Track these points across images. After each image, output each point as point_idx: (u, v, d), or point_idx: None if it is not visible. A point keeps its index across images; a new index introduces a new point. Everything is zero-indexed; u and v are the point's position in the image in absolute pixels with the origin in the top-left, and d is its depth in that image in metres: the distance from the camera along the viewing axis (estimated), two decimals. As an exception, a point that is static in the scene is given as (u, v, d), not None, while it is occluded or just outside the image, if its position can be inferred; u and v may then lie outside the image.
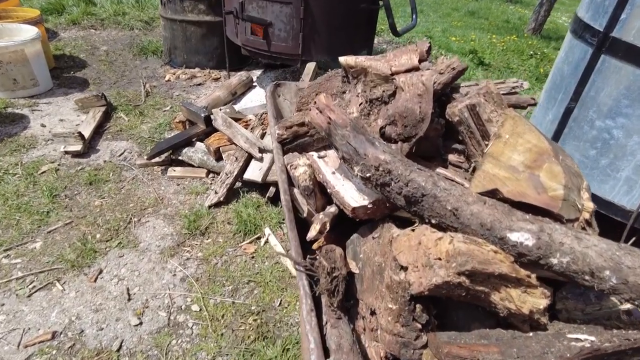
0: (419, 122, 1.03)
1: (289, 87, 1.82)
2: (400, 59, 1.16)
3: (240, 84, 3.78)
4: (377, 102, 1.17)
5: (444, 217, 0.87)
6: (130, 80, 4.03)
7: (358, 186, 1.11)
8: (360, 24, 3.46)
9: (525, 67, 6.93)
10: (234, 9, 3.34)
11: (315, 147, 1.33)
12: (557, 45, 8.33)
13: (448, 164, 1.14)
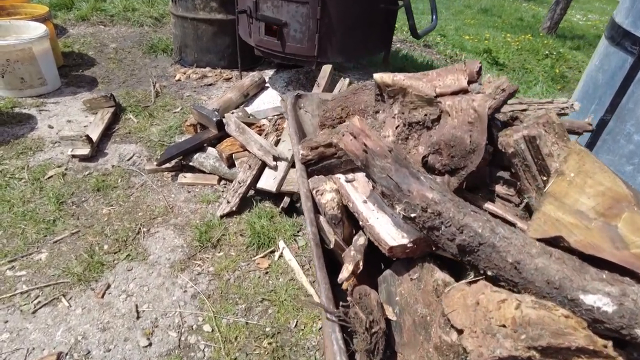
0: (469, 153, 0.92)
1: (310, 99, 1.70)
2: (445, 79, 1.04)
3: (252, 85, 3.67)
4: (418, 127, 1.05)
5: (503, 269, 0.76)
6: (140, 80, 3.93)
7: (395, 220, 0.99)
8: (379, 24, 3.32)
9: (541, 67, 6.75)
10: (247, 7, 3.22)
11: (342, 169, 1.22)
12: (572, 44, 8.14)
13: (495, 196, 1.03)
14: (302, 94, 1.75)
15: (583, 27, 11.20)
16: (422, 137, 1.02)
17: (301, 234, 2.40)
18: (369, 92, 1.39)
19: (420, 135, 1.04)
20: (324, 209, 1.11)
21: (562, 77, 6.57)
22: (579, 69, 6.95)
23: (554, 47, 7.61)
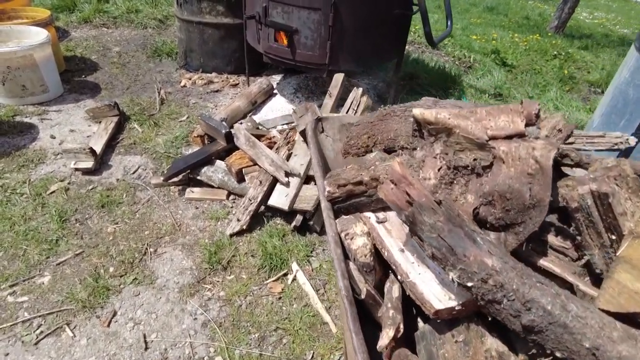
0: (528, 208, 0.81)
1: (331, 122, 1.59)
2: (497, 119, 0.93)
3: (260, 93, 3.56)
4: (465, 171, 0.95)
5: (577, 354, 0.65)
6: (144, 86, 3.82)
7: (439, 276, 0.89)
8: (393, 31, 3.20)
9: (549, 67, 6.64)
10: (256, 13, 3.10)
11: (372, 208, 1.11)
12: (580, 44, 8.02)
13: (548, 248, 0.93)
14: (323, 117, 1.64)
15: (590, 26, 11.06)
16: (470, 183, 0.92)
17: (315, 255, 2.30)
18: (398, 119, 1.28)
19: (468, 182, 0.93)
20: (355, 255, 1.01)
21: (571, 78, 6.46)
22: (587, 70, 6.83)
23: (562, 48, 7.49)
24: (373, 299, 1.04)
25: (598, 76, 6.37)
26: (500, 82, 4.51)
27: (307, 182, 2.46)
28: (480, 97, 4.04)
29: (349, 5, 2.84)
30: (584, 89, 6.35)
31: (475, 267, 0.72)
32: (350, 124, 1.48)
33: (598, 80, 6.28)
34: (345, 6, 2.84)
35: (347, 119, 1.53)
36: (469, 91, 4.12)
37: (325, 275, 2.18)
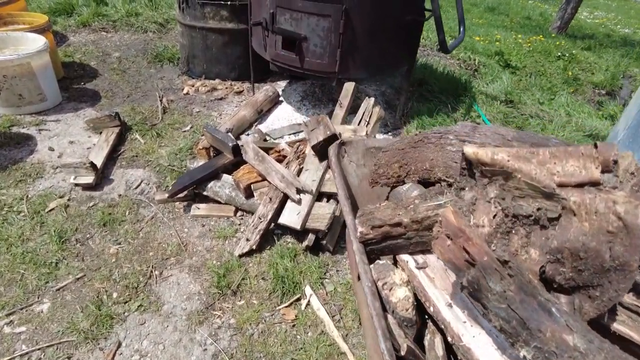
0: (607, 270, 0.70)
1: (355, 147, 1.47)
2: (565, 164, 0.81)
3: (266, 101, 3.45)
4: (527, 221, 0.83)
5: None
6: (146, 93, 3.69)
7: (497, 339, 0.78)
8: (404, 38, 3.09)
9: (553, 69, 6.56)
10: (263, 19, 2.99)
11: (410, 250, 1.00)
12: (583, 44, 7.97)
13: (618, 306, 0.82)
14: (346, 141, 1.52)
15: (591, 26, 10.98)
16: (533, 235, 0.81)
17: (328, 276, 2.19)
18: (432, 147, 1.17)
19: (529, 233, 0.82)
20: (394, 308, 0.89)
21: (575, 79, 6.38)
22: (591, 71, 6.74)
23: (566, 49, 7.42)
24: (414, 355, 0.92)
25: (602, 77, 6.29)
26: (510, 88, 4.40)
27: (320, 198, 2.34)
28: (491, 104, 3.93)
29: (361, 11, 2.73)
30: (588, 90, 6.26)
31: (553, 345, 0.61)
32: (375, 148, 1.36)
33: (602, 81, 6.21)
34: (356, 13, 2.72)
35: (372, 143, 1.42)
36: (479, 98, 4.01)
37: (341, 299, 2.06)
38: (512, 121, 3.66)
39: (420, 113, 3.59)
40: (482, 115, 3.65)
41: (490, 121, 3.62)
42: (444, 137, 1.18)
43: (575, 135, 3.56)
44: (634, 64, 7.44)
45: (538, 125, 3.64)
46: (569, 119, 3.98)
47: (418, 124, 3.45)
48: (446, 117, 3.54)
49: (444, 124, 3.44)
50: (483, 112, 3.74)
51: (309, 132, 2.37)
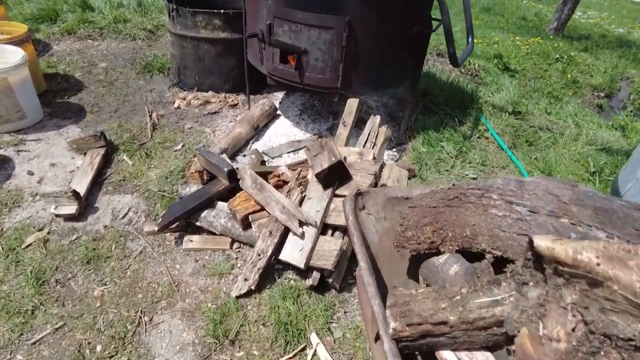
0: None
1: (374, 198, 1.28)
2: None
3: (263, 116, 3.24)
4: (625, 344, 0.64)
5: None
6: (134, 107, 3.47)
7: None
8: (410, 50, 2.90)
9: (552, 72, 6.43)
10: (259, 31, 2.78)
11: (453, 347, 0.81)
12: (580, 45, 7.92)
13: None
14: (364, 192, 1.32)
15: (586, 26, 10.90)
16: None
17: (336, 319, 1.99)
18: (473, 208, 0.98)
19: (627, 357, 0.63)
20: None
21: (574, 82, 6.27)
22: (590, 74, 6.64)
23: (564, 51, 7.33)
24: None
25: (601, 80, 6.21)
26: (516, 97, 4.23)
27: (324, 231, 2.14)
28: (498, 116, 3.76)
29: (365, 23, 2.53)
30: (587, 93, 6.14)
31: None
32: (398, 198, 1.17)
33: (601, 84, 6.12)
34: (360, 25, 2.52)
35: (394, 193, 1.22)
36: (486, 109, 3.83)
37: (350, 347, 1.87)
38: (522, 135, 3.49)
39: (425, 127, 3.40)
40: (490, 129, 3.47)
41: (499, 135, 3.44)
42: (485, 195, 0.99)
43: (588, 149, 3.39)
44: (631, 65, 7.36)
45: (549, 139, 3.47)
46: (578, 130, 3.82)
47: (424, 140, 3.26)
48: (453, 132, 3.36)
49: (452, 140, 3.26)
50: (491, 124, 3.56)
51: (312, 158, 2.17)
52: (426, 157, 3.11)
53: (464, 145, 3.21)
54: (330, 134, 3.30)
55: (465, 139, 3.30)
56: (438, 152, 3.16)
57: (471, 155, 3.16)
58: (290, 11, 2.54)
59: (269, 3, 2.61)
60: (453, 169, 3.04)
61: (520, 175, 3.05)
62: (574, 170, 3.15)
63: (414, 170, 2.94)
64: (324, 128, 3.36)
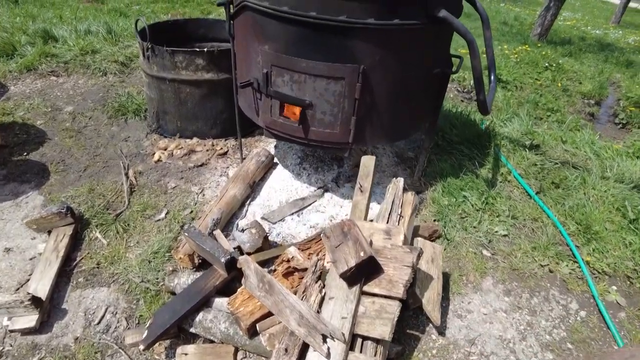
0: None
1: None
2: None
3: (259, 169, 2.82)
4: None
5: None
6: (107, 163, 2.98)
7: None
8: (430, 93, 2.52)
9: (542, 80, 6.24)
10: (253, 80, 2.35)
11: None
12: (564, 51, 7.84)
13: None
14: None
15: (565, 29, 10.87)
16: None
17: None
18: None
19: None
20: None
21: (565, 90, 6.09)
22: (578, 80, 6.47)
23: (552, 59, 7.21)
24: None
25: (590, 87, 6.07)
26: (529, 126, 3.91)
27: (352, 345, 1.73)
28: (516, 151, 3.42)
29: (383, 71, 2.14)
30: (578, 101, 5.93)
31: None
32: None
33: (591, 91, 5.98)
34: (376, 73, 2.13)
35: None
36: (502, 144, 3.49)
37: None
38: (547, 176, 3.15)
39: (442, 172, 3.03)
40: (513, 172, 3.12)
41: (522, 177, 3.10)
42: None
43: (620, 189, 3.07)
44: (615, 69, 7.27)
45: (576, 179, 3.14)
46: (600, 162, 3.51)
47: (444, 188, 2.89)
48: (474, 178, 2.99)
49: (475, 188, 2.90)
50: (512, 164, 3.22)
51: (333, 250, 1.75)
52: (449, 210, 2.73)
53: (489, 195, 2.84)
54: (337, 186, 2.90)
55: (489, 185, 2.94)
56: (461, 204, 2.79)
57: (498, 205, 2.80)
58: (291, 59, 2.13)
59: (265, 49, 2.19)
60: (480, 225, 2.68)
61: (555, 229, 2.70)
62: (611, 218, 2.82)
63: (438, 229, 2.56)
64: (329, 179, 2.95)
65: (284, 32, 2.09)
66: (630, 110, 5.46)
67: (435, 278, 2.03)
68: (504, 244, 2.60)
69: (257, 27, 2.18)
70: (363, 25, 1.96)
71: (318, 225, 2.58)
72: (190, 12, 6.90)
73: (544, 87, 5.96)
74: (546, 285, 2.39)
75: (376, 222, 2.08)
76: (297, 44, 2.09)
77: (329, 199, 2.79)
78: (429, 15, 2.04)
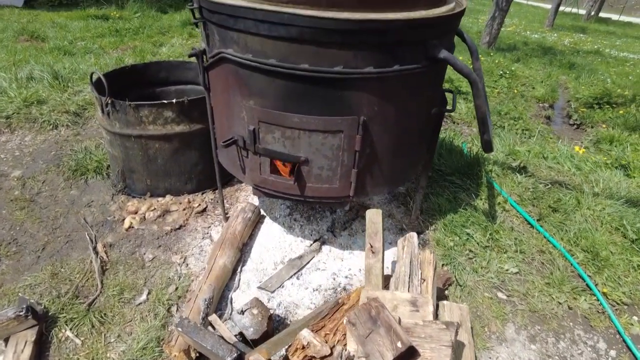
0: None
1: None
2: None
3: (247, 227, 2.55)
4: None
5: None
6: (70, 237, 2.61)
7: None
8: (427, 133, 2.37)
9: (499, 89, 6.39)
10: (238, 137, 2.10)
11: None
12: (512, 56, 8.20)
13: None
14: None
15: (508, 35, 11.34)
16: None
17: None
18: None
19: None
20: None
21: (522, 96, 6.26)
22: (532, 86, 6.69)
23: (505, 66, 7.48)
24: None
25: (543, 91, 6.32)
26: (512, 146, 3.88)
27: None
28: (506, 175, 3.34)
29: (383, 119, 1.95)
30: (533, 106, 6.10)
31: None
32: None
33: (544, 95, 6.20)
34: (377, 122, 1.94)
35: None
36: (491, 170, 3.41)
37: None
38: (542, 200, 3.07)
39: (440, 208, 2.89)
40: (510, 200, 3.02)
41: (518, 203, 3.01)
42: None
43: (614, 207, 3.04)
44: (559, 71, 7.59)
45: (570, 200, 3.08)
46: (586, 178, 3.51)
47: (445, 227, 2.74)
48: (473, 211, 2.86)
49: (476, 223, 2.76)
50: (505, 191, 3.12)
51: (363, 342, 1.52)
52: (455, 252, 2.57)
53: (493, 229, 2.72)
54: (334, 235, 2.68)
55: (490, 218, 2.82)
56: (466, 243, 2.64)
57: (503, 240, 2.68)
58: (282, 115, 1.90)
59: (250, 105, 1.95)
60: (490, 264, 2.53)
61: (564, 260, 2.60)
62: (613, 240, 2.76)
63: (451, 277, 2.39)
64: (324, 228, 2.72)
65: (273, 87, 1.86)
66: (582, 111, 5.67)
67: (467, 344, 1.84)
68: (517, 283, 2.46)
69: (239, 81, 1.93)
70: (362, 75, 1.77)
71: (321, 287, 2.34)
72: (140, 45, 6.51)
73: (501, 95, 6.10)
74: (569, 325, 2.27)
75: (395, 288, 1.87)
76: (287, 98, 1.87)
77: (328, 253, 2.56)
78: (429, 57, 1.88)
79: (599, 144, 4.56)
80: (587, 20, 18.08)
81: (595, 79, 7.06)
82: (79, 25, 7.28)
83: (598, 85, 6.52)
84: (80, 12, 8.29)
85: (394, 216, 2.91)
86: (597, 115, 5.42)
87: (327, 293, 2.31)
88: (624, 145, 4.38)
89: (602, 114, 5.44)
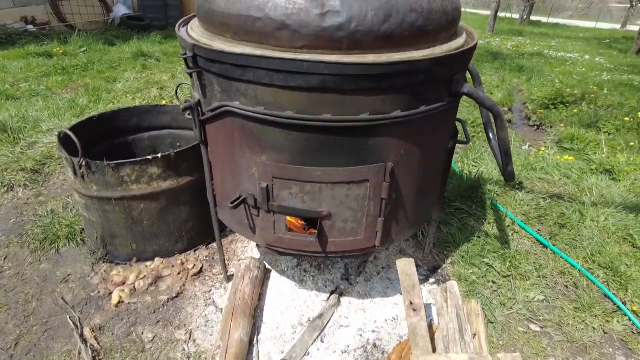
0: None
1: None
2: None
3: (255, 288, 2.30)
4: None
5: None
6: (47, 325, 2.23)
7: None
8: (446, 168, 2.24)
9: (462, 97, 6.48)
10: (247, 196, 1.86)
11: None
12: None
13: None
14: None
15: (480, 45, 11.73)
16: None
17: None
18: None
19: None
20: None
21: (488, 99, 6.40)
22: (490, 91, 6.88)
23: None
24: None
25: (501, 96, 6.52)
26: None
27: None
28: (508, 195, 3.29)
29: (409, 163, 1.79)
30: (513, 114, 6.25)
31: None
32: None
33: (502, 100, 6.40)
34: (404, 169, 1.78)
35: None
36: (491, 190, 3.34)
37: None
38: (547, 217, 3.03)
39: (452, 239, 2.76)
40: (517, 221, 2.95)
41: (525, 223, 2.94)
42: None
43: (615, 217, 3.05)
44: (510, 75, 7.90)
45: (573, 214, 3.06)
46: (577, 187, 3.53)
47: (462, 258, 2.61)
48: (486, 237, 2.76)
49: (491, 249, 2.66)
50: (511, 212, 3.06)
51: None
52: (479, 286, 2.44)
53: (511, 256, 2.62)
54: (350, 284, 2.47)
55: (504, 244, 2.72)
56: (486, 274, 2.52)
57: (523, 266, 2.58)
58: (301, 169, 1.69)
59: (262, 161, 1.72)
60: (516, 295, 2.42)
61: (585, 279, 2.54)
62: (624, 251, 2.75)
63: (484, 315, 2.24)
64: (338, 277, 2.51)
65: (289, 140, 1.65)
66: (540, 112, 5.86)
67: (530, 401, 1.68)
68: (546, 312, 2.36)
69: (248, 135, 1.71)
70: (390, 120, 1.60)
71: (349, 347, 2.12)
72: (92, 83, 6.05)
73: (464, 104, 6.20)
74: (609, 351, 2.18)
75: (446, 349, 1.69)
76: (306, 151, 1.66)
77: (348, 305, 2.35)
78: (453, 94, 1.75)
79: (562, 144, 4.68)
80: (522, 24, 19.17)
81: (544, 80, 7.34)
82: (19, 65, 6.69)
83: (549, 86, 6.77)
84: (19, 50, 7.63)
85: (405, 251, 2.75)
86: (553, 115, 5.60)
87: (357, 354, 2.09)
88: (585, 143, 4.53)
89: (558, 114, 5.62)
